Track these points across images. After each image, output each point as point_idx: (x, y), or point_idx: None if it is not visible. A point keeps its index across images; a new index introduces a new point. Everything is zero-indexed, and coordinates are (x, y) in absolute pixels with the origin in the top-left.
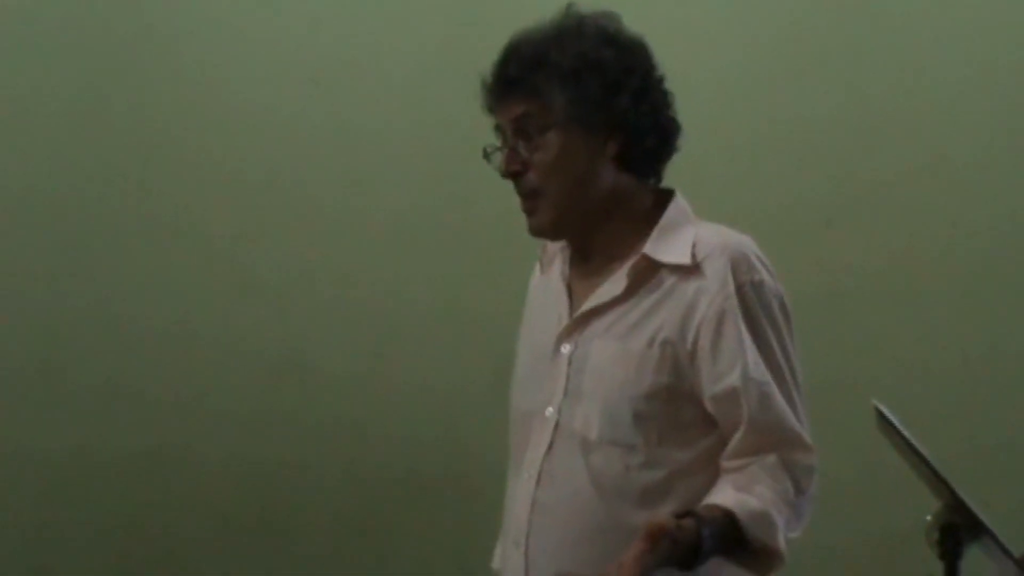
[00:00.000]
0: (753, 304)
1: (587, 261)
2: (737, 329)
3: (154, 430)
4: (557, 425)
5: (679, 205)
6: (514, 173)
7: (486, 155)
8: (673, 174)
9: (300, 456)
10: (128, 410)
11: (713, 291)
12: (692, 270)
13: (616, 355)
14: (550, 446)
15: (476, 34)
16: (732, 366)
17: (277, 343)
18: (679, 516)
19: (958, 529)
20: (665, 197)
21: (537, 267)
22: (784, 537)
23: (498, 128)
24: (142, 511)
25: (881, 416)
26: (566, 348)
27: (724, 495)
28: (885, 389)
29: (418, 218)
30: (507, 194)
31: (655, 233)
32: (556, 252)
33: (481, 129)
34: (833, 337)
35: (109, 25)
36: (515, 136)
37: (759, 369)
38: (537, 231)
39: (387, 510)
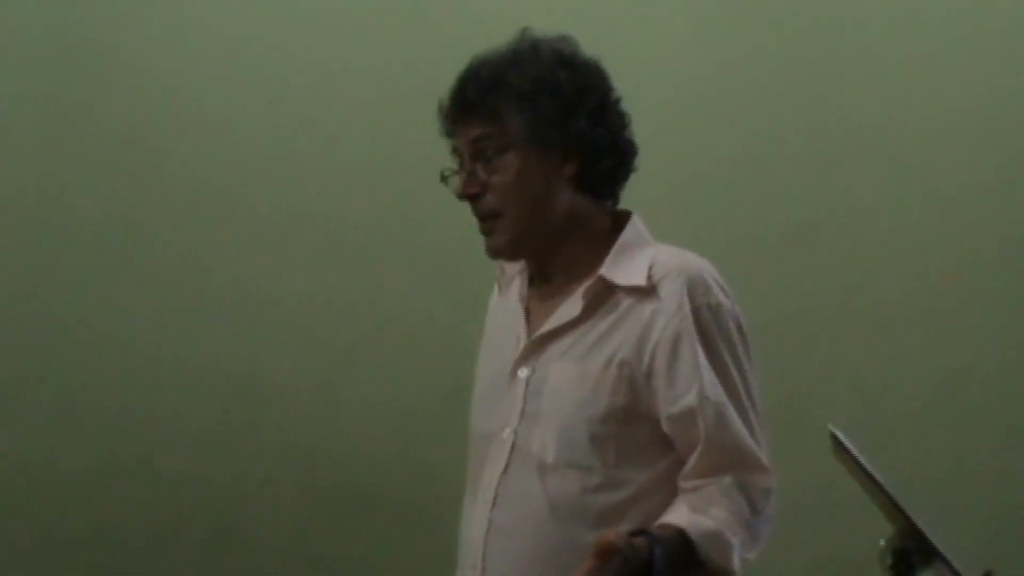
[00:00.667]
0: (709, 325)
1: (545, 282)
2: (693, 350)
3: (111, 446)
4: (514, 447)
5: (636, 227)
6: (472, 195)
7: (443, 179)
8: (637, 197)
9: (257, 474)
10: (86, 426)
11: (669, 312)
12: (648, 292)
13: (573, 377)
14: (506, 468)
15: (436, 54)
16: (688, 387)
17: (234, 361)
18: (632, 534)
19: (911, 554)
20: (623, 219)
21: (495, 289)
22: (739, 558)
23: (455, 151)
24: (99, 526)
25: (836, 441)
26: (523, 372)
27: (679, 515)
28: (844, 412)
29: (375, 237)
30: (465, 213)
31: (611, 255)
32: (514, 274)
33: (440, 148)
34: (793, 360)
35: (70, 43)
36: (472, 159)
37: (715, 390)
38: (495, 252)
39: (344, 529)
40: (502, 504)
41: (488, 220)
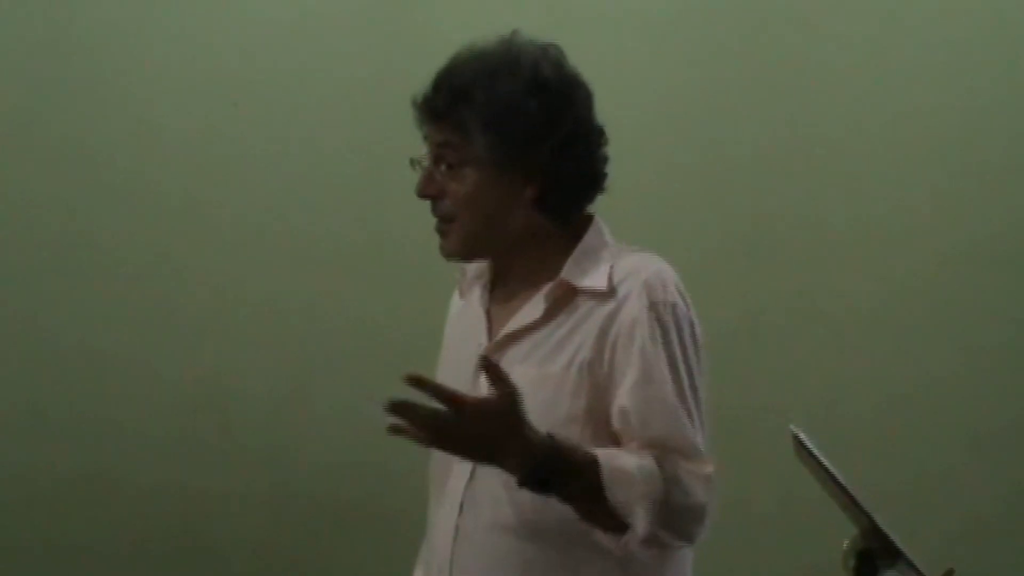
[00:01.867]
0: (663, 323)
1: (506, 286)
2: (644, 345)
3: (75, 457)
4: None
5: (598, 230)
6: (429, 196)
7: (412, 164)
8: (599, 203)
9: (222, 482)
10: (48, 437)
11: (626, 310)
12: (608, 295)
13: (535, 380)
14: (472, 475)
15: (396, 60)
16: (636, 380)
17: (198, 369)
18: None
19: (874, 555)
20: (585, 222)
21: (456, 293)
22: (647, 523)
23: (427, 139)
24: (62, 538)
25: (798, 442)
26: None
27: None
28: (805, 418)
29: (337, 242)
30: (427, 219)
31: (573, 258)
32: (475, 278)
33: (400, 153)
34: (755, 365)
35: (30, 48)
36: (435, 160)
37: (664, 387)
38: (447, 255)
39: (310, 536)
40: (469, 511)
41: (443, 222)
